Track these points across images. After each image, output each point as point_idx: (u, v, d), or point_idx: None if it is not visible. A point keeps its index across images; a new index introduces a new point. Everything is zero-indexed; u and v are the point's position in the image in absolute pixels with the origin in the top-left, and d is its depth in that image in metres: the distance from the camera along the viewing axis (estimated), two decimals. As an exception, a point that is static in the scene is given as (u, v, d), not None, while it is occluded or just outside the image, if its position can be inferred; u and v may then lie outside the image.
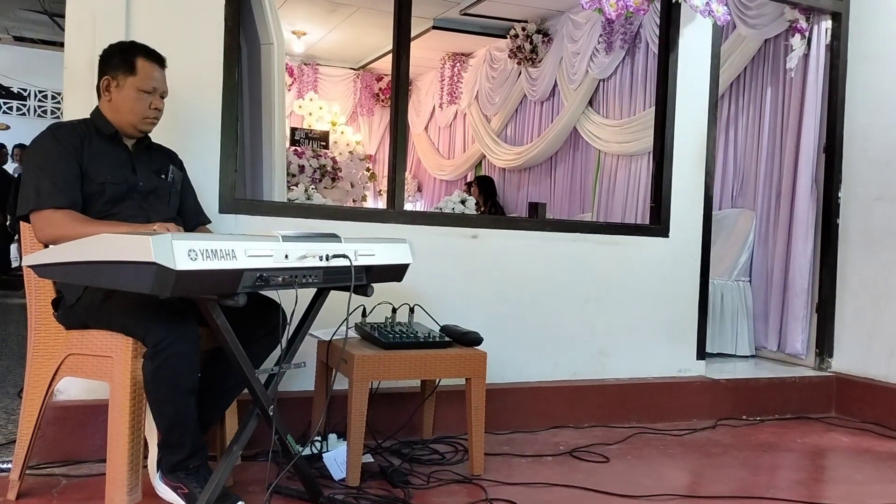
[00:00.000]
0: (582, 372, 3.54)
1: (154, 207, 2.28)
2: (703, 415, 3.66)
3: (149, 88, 2.24)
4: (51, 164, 2.11)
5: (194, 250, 1.63)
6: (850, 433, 3.58)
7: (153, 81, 2.25)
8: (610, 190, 5.96)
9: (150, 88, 2.24)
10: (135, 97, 2.22)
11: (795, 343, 4.21)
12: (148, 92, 2.23)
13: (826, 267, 4.14)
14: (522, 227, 3.46)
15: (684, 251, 3.75)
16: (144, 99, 2.23)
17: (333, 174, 8.38)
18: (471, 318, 3.09)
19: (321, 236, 2.02)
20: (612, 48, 5.81)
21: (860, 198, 4.04)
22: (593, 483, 2.61)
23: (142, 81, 2.23)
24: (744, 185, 4.84)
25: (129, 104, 2.23)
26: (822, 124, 4.18)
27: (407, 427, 3.00)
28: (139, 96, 2.22)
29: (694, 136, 3.77)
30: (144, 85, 2.23)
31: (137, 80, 2.22)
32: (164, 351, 1.91)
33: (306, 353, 2.69)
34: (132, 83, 2.22)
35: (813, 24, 4.20)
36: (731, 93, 4.95)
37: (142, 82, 2.23)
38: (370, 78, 9.34)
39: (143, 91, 2.22)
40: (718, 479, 2.78)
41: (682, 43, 3.73)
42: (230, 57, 2.86)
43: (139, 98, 2.23)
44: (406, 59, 3.24)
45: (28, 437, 2.19)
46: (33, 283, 2.19)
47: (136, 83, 2.22)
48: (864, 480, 2.86)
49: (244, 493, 2.25)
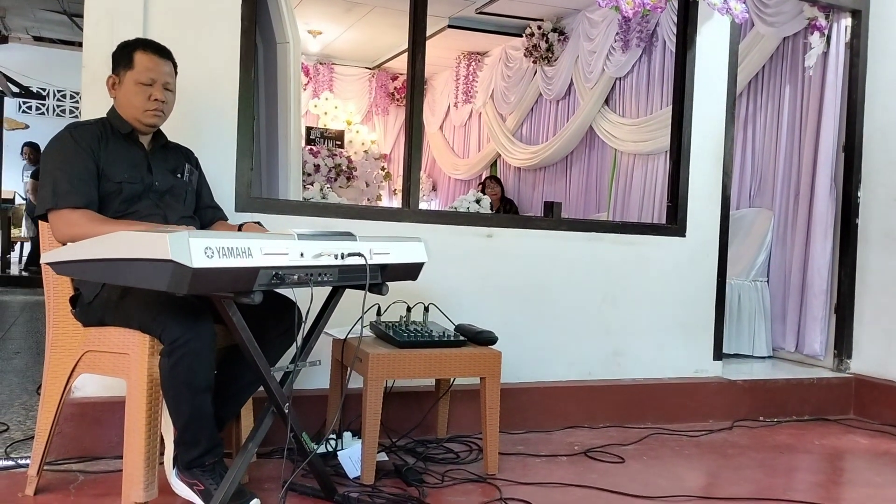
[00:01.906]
0: (597, 372, 3.53)
1: (171, 206, 2.29)
2: (720, 416, 3.64)
3: (146, 80, 2.22)
4: (68, 164, 2.12)
5: (210, 248, 1.63)
6: (868, 435, 3.55)
7: (150, 73, 2.22)
8: (626, 189, 5.93)
9: (148, 80, 2.22)
10: (134, 90, 2.22)
11: (814, 344, 4.17)
12: (146, 84, 2.22)
13: (845, 267, 4.10)
14: (538, 226, 3.45)
15: (701, 251, 3.73)
16: (143, 91, 2.22)
17: (348, 173, 8.39)
18: (485, 318, 3.09)
19: (336, 235, 2.03)
20: (629, 46, 5.78)
21: (880, 197, 3.99)
22: (608, 483, 2.60)
23: (139, 73, 2.22)
24: (762, 185, 4.80)
25: (129, 98, 2.22)
26: (842, 123, 4.14)
27: (421, 426, 3.00)
28: (138, 89, 2.21)
29: (711, 135, 3.74)
30: (141, 77, 2.21)
31: (135, 72, 2.22)
32: (181, 348, 1.91)
33: (321, 352, 2.70)
34: (130, 77, 2.22)
35: (832, 22, 4.16)
36: (749, 91, 4.91)
37: (139, 74, 2.22)
38: (385, 77, 9.35)
39: (141, 83, 2.21)
40: (735, 481, 2.76)
41: (700, 41, 3.70)
42: (247, 56, 2.87)
43: (138, 91, 2.21)
44: (421, 58, 3.23)
45: (46, 434, 2.21)
46: (51, 281, 2.20)
47: (133, 76, 2.22)
48: (884, 483, 2.82)
49: (259, 490, 2.26)
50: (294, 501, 2.27)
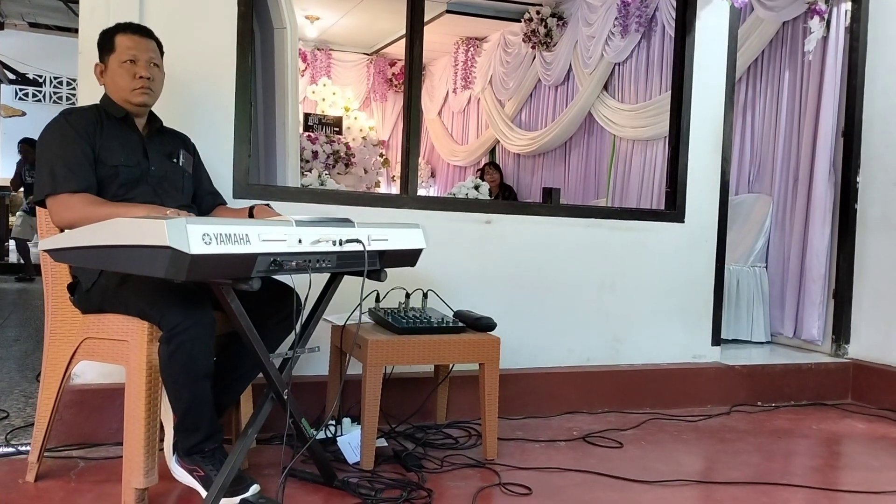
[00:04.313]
0: (596, 357, 3.54)
1: (168, 193, 2.28)
2: (718, 401, 3.65)
3: (129, 57, 2.22)
4: (64, 149, 2.12)
5: (208, 234, 1.63)
6: (866, 420, 3.56)
7: (132, 50, 2.23)
8: (625, 175, 5.93)
9: (130, 57, 2.22)
10: (119, 71, 2.22)
11: (812, 329, 4.18)
12: (129, 61, 2.22)
13: (843, 252, 4.10)
14: (536, 212, 3.44)
15: (700, 237, 3.72)
16: (128, 70, 2.22)
17: (347, 160, 8.38)
18: (484, 304, 3.09)
19: (335, 221, 2.02)
20: (628, 31, 5.75)
21: (879, 182, 3.98)
22: (607, 468, 2.61)
23: (121, 53, 2.23)
24: (761, 170, 4.79)
25: (116, 80, 2.23)
26: (841, 108, 4.12)
27: (420, 412, 3.01)
28: (122, 69, 2.22)
29: (710, 120, 3.73)
30: (124, 56, 2.22)
31: (118, 54, 2.23)
32: (180, 335, 1.91)
33: (320, 338, 2.71)
34: (114, 59, 2.23)
35: (832, 7, 4.13)
36: (749, 76, 4.89)
37: (122, 54, 2.22)
38: (383, 63, 9.31)
39: (124, 63, 2.22)
40: (733, 466, 2.77)
41: (699, 26, 3.68)
42: (244, 42, 2.85)
43: (123, 71, 2.22)
44: (419, 43, 3.22)
45: (46, 420, 2.22)
46: (49, 268, 2.20)
47: (117, 57, 2.23)
48: (881, 467, 2.84)
49: (259, 475, 2.26)
50: (294, 487, 2.27)
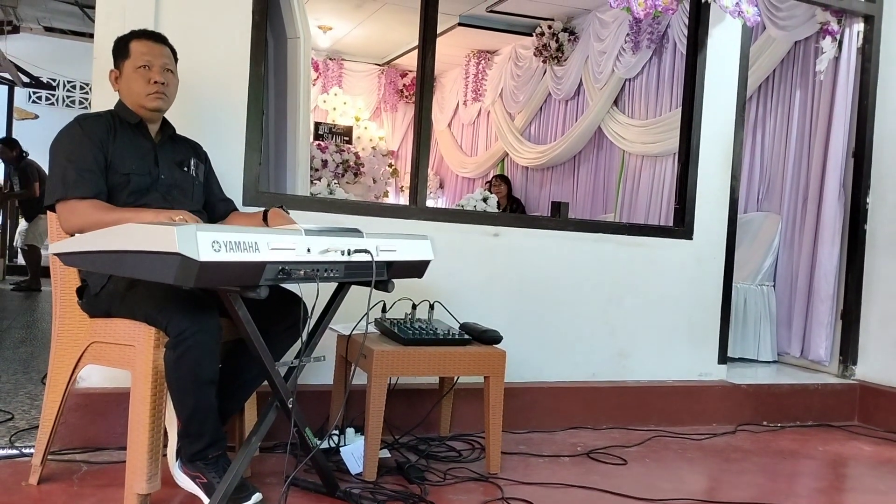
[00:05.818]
0: (601, 373, 3.52)
1: (178, 201, 2.29)
2: (724, 420, 3.63)
3: (143, 63, 2.24)
4: (77, 155, 2.13)
5: (218, 241, 1.63)
6: (872, 442, 3.53)
7: (146, 56, 2.25)
8: (634, 191, 5.92)
9: (144, 62, 2.24)
10: (134, 77, 2.24)
11: (819, 349, 4.16)
12: (144, 66, 2.24)
13: (852, 273, 4.08)
14: (544, 226, 3.44)
15: (708, 254, 3.71)
16: (143, 75, 2.24)
17: (356, 169, 8.40)
18: (490, 317, 3.08)
19: (343, 231, 2.03)
20: (639, 48, 5.77)
21: (889, 203, 3.97)
22: (610, 485, 2.60)
23: (135, 59, 2.25)
24: (770, 189, 4.78)
25: (131, 85, 2.25)
26: (852, 128, 4.12)
27: (424, 423, 3.00)
28: (137, 74, 2.24)
29: (720, 138, 3.73)
30: (138, 61, 2.24)
31: (132, 59, 2.25)
32: (186, 341, 1.92)
33: (326, 347, 2.70)
34: (129, 66, 2.25)
35: (844, 27, 4.13)
36: (759, 95, 4.89)
37: (135, 60, 2.25)
38: (395, 74, 9.36)
39: (139, 68, 2.24)
40: (737, 485, 2.75)
41: (711, 43, 3.69)
42: (257, 50, 2.87)
43: (137, 76, 2.24)
44: (431, 55, 3.23)
45: (50, 423, 2.22)
46: (58, 272, 2.21)
47: (131, 63, 2.25)
48: (887, 490, 2.81)
49: (262, 484, 2.26)
50: (296, 496, 2.27)
